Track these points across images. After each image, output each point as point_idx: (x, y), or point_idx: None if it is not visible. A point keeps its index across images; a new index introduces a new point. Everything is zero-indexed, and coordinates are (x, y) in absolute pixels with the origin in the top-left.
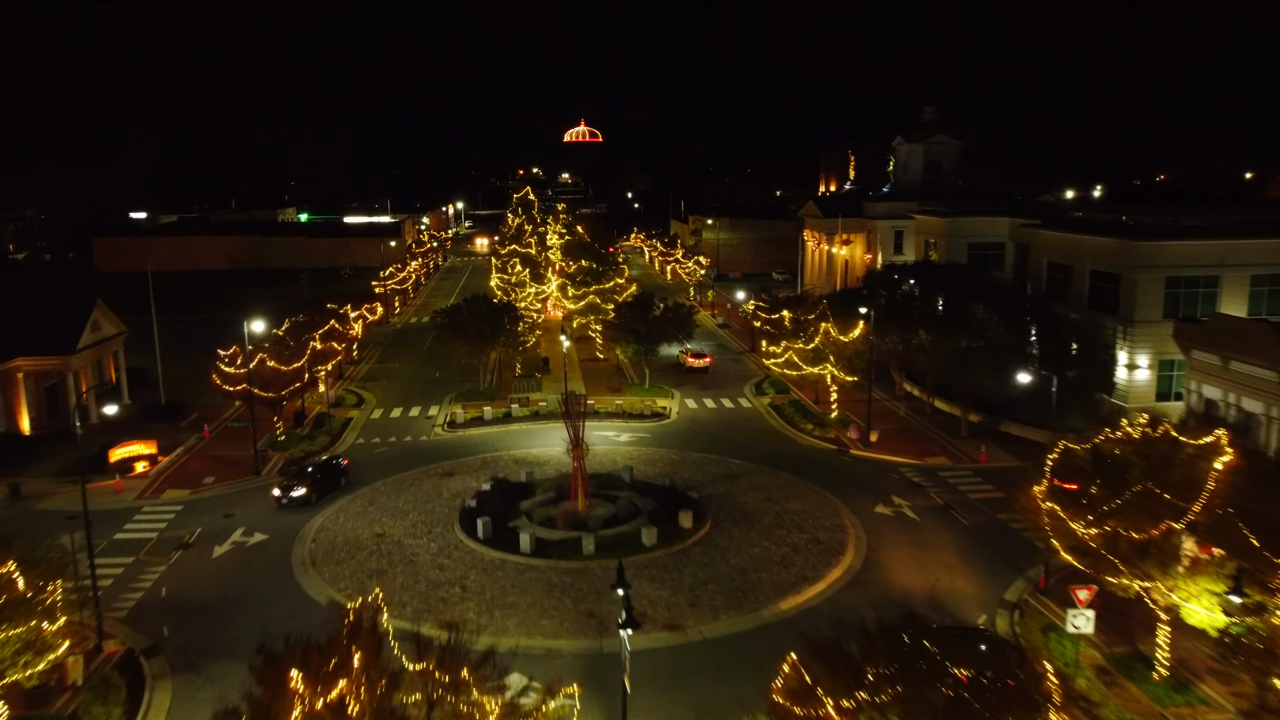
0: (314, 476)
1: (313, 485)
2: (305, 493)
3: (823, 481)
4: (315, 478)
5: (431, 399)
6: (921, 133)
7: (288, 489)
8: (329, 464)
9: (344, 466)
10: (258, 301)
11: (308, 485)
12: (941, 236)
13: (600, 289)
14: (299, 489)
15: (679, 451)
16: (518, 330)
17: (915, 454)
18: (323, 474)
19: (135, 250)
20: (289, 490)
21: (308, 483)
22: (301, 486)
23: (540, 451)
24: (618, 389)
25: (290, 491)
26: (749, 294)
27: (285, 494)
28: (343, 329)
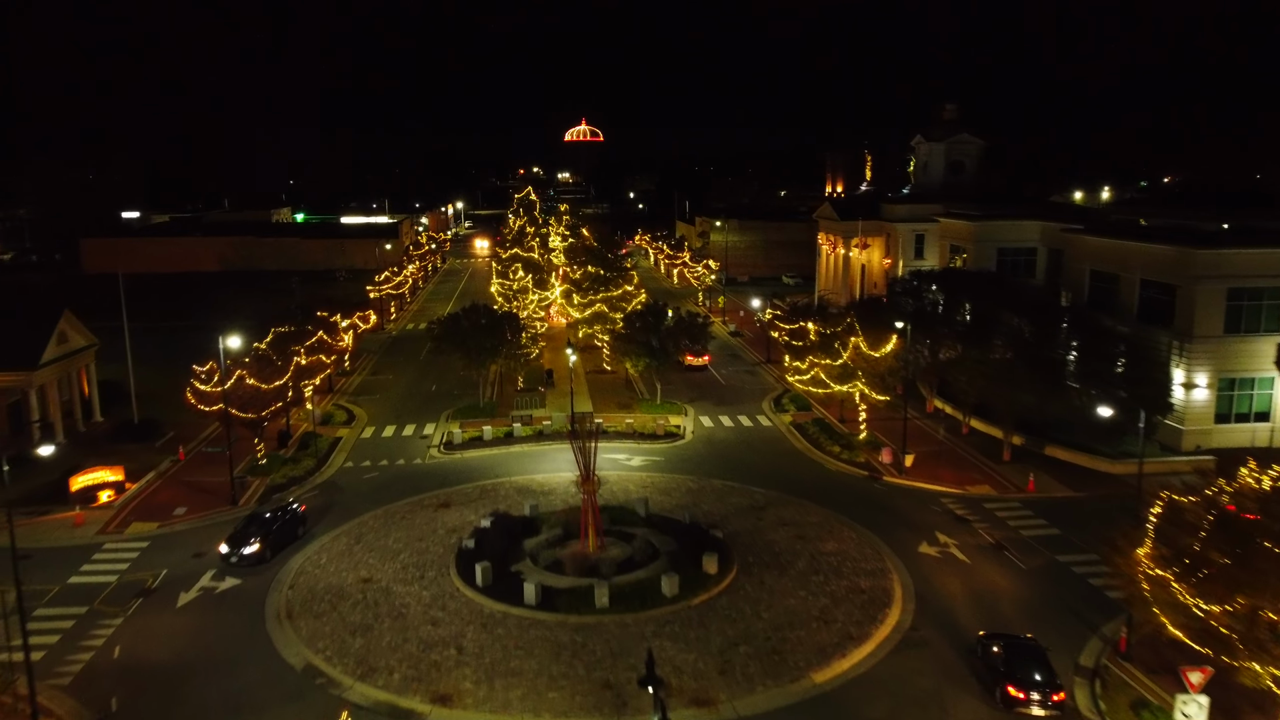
0: (268, 528)
1: (267, 540)
2: (258, 549)
3: (857, 514)
4: (270, 529)
5: (427, 415)
6: (942, 131)
7: (238, 545)
8: (285, 512)
9: (302, 514)
10: (248, 306)
11: (261, 540)
12: (969, 241)
13: (608, 296)
14: (251, 545)
15: (697, 478)
16: (520, 341)
17: (955, 481)
18: (278, 525)
19: (124, 252)
20: (239, 546)
21: (261, 537)
22: (254, 542)
23: (545, 478)
24: (627, 405)
25: (241, 548)
26: (763, 300)
27: (234, 551)
28: (332, 340)
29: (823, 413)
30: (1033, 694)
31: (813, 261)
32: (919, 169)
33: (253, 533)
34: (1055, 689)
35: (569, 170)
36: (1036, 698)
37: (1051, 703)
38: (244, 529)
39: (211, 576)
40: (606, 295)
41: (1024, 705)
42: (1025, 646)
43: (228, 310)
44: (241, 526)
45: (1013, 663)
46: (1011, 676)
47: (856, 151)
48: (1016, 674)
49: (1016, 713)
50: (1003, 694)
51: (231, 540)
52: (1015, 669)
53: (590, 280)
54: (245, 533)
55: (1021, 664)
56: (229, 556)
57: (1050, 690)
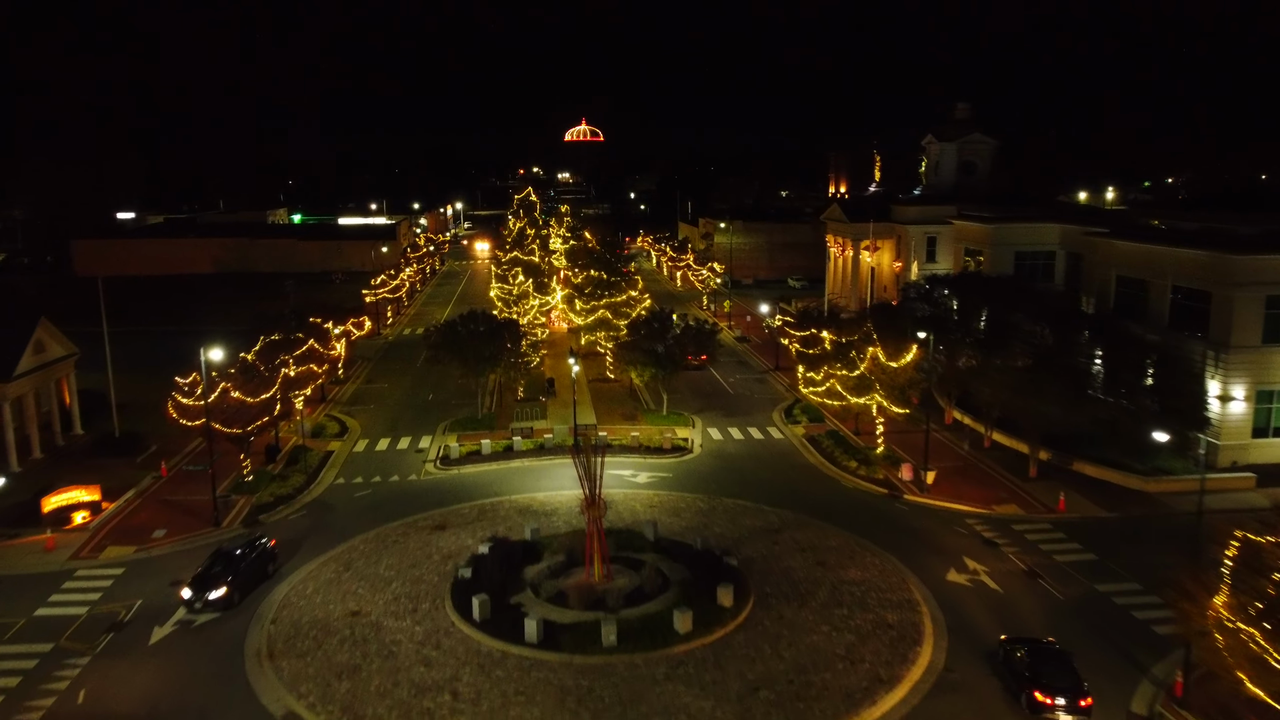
0: (236, 567)
1: (234, 582)
2: (224, 594)
3: (879, 537)
4: (237, 568)
5: (423, 427)
6: (954, 131)
7: (202, 588)
8: (253, 548)
9: (271, 549)
10: (241, 309)
11: (227, 584)
12: (985, 244)
13: (611, 302)
14: (216, 589)
15: (707, 498)
16: (520, 350)
17: (980, 500)
18: (246, 565)
19: (116, 253)
20: (204, 589)
21: (226, 580)
22: (219, 585)
23: (547, 497)
24: (632, 416)
25: (206, 592)
26: (771, 305)
27: (199, 595)
28: (324, 349)
29: (836, 424)
30: (1061, 699)
31: (819, 264)
32: (930, 169)
33: (219, 574)
34: (1083, 694)
35: (569, 170)
36: (1064, 703)
37: (1079, 708)
38: (209, 569)
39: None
40: (610, 301)
41: (1051, 711)
42: (1050, 651)
43: (220, 314)
44: (205, 566)
45: (1039, 668)
46: (1038, 682)
47: (860, 152)
48: (1043, 679)
49: (1043, 718)
50: (1029, 699)
51: (196, 583)
52: (1042, 674)
53: (593, 285)
54: (210, 574)
55: (1048, 669)
56: (193, 602)
57: (1078, 695)
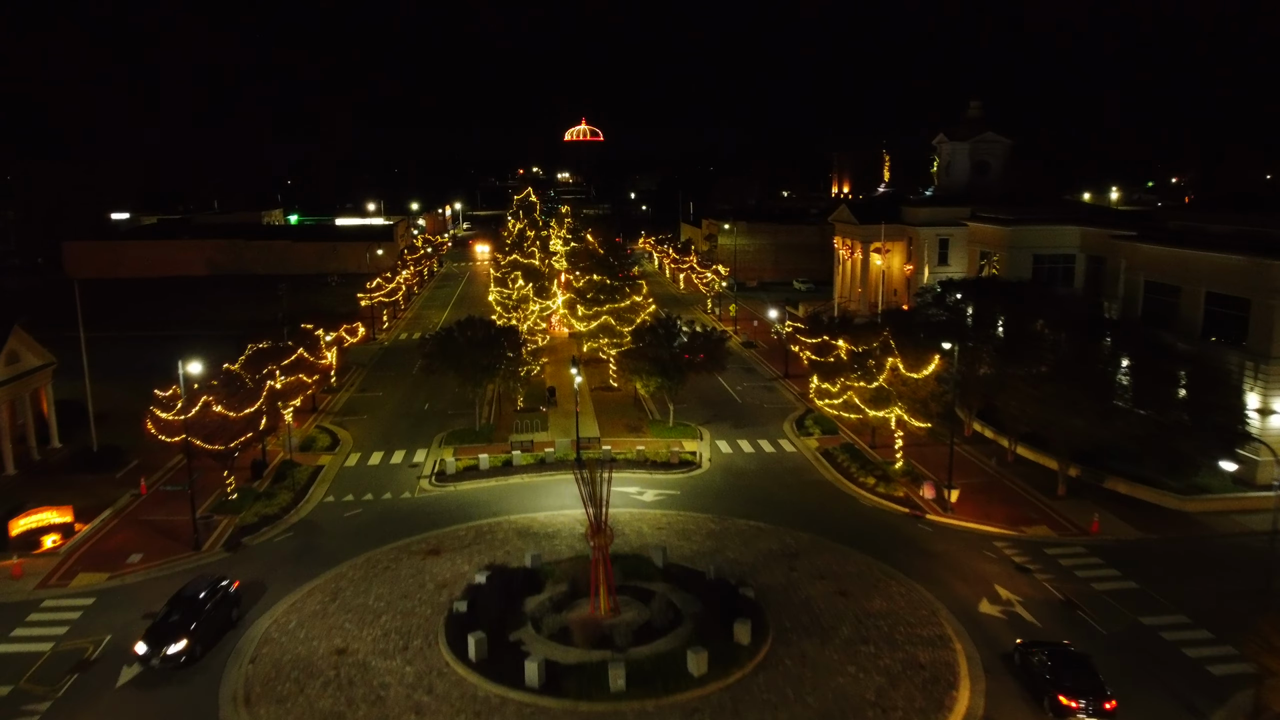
0: (197, 615)
1: (196, 632)
2: (185, 646)
3: (903, 562)
4: (198, 617)
5: (418, 439)
6: (967, 130)
7: (160, 641)
8: (214, 594)
9: (235, 592)
10: (234, 312)
11: (188, 634)
12: (1002, 247)
13: (615, 308)
14: (175, 642)
15: (718, 518)
16: (520, 358)
17: (1008, 521)
18: (209, 612)
19: (107, 255)
20: (162, 644)
21: (188, 630)
22: (178, 637)
23: (548, 517)
24: (637, 428)
25: (164, 646)
26: (779, 310)
27: (155, 651)
28: (314, 358)
29: (851, 437)
30: (1085, 702)
31: (825, 266)
32: (942, 169)
33: (178, 625)
34: (1106, 697)
35: (569, 170)
36: (1089, 706)
37: (1104, 710)
38: (166, 618)
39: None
40: (613, 307)
41: (1076, 714)
42: (1070, 654)
43: (213, 318)
44: (163, 615)
45: (1061, 671)
46: (1061, 685)
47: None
48: (1066, 682)
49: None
50: (1053, 702)
51: (152, 635)
52: (1064, 677)
53: (595, 290)
54: (168, 625)
55: (1070, 672)
56: (148, 658)
57: (1101, 698)
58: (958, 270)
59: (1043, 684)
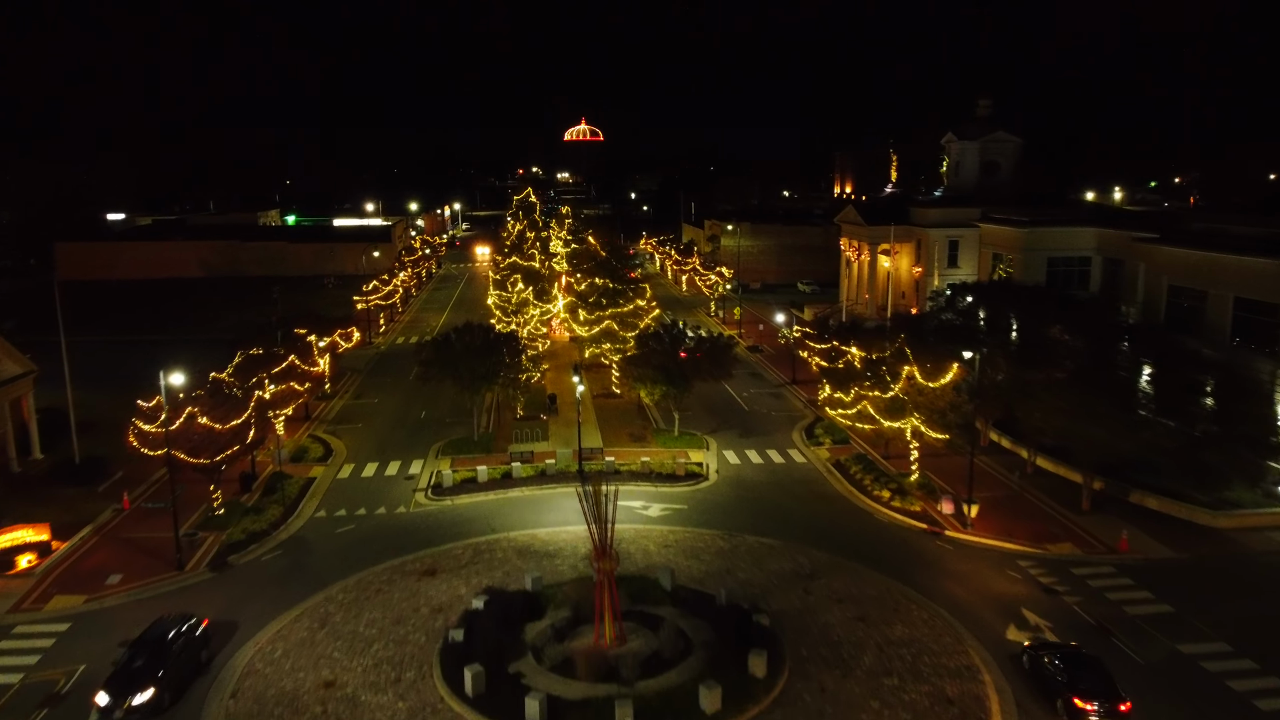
0: (163, 659)
1: (164, 679)
2: (152, 696)
3: (924, 584)
4: (165, 660)
5: (414, 449)
6: (976, 129)
7: (123, 690)
8: (181, 634)
9: (204, 632)
10: (228, 315)
11: (155, 682)
12: (1016, 249)
13: (618, 312)
14: (141, 692)
15: (728, 535)
16: (520, 364)
17: (1031, 537)
18: (178, 654)
19: (100, 257)
20: (126, 692)
21: (154, 677)
22: (144, 685)
23: (550, 534)
24: (641, 437)
25: (129, 695)
26: (786, 314)
27: (119, 702)
28: (306, 366)
29: (864, 447)
30: (1100, 704)
31: (830, 267)
32: (951, 169)
33: (143, 671)
34: (1120, 699)
35: (569, 170)
36: (1104, 708)
37: (1119, 712)
38: (129, 665)
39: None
40: (616, 311)
41: (1090, 716)
42: (1082, 657)
43: (206, 321)
44: (125, 661)
45: (1074, 673)
46: (1075, 688)
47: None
48: (1080, 685)
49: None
50: (1068, 705)
51: (114, 683)
52: (1079, 680)
53: (598, 294)
54: (132, 672)
55: (1083, 674)
56: (110, 710)
57: (1116, 700)
58: (968, 272)
59: (1056, 687)
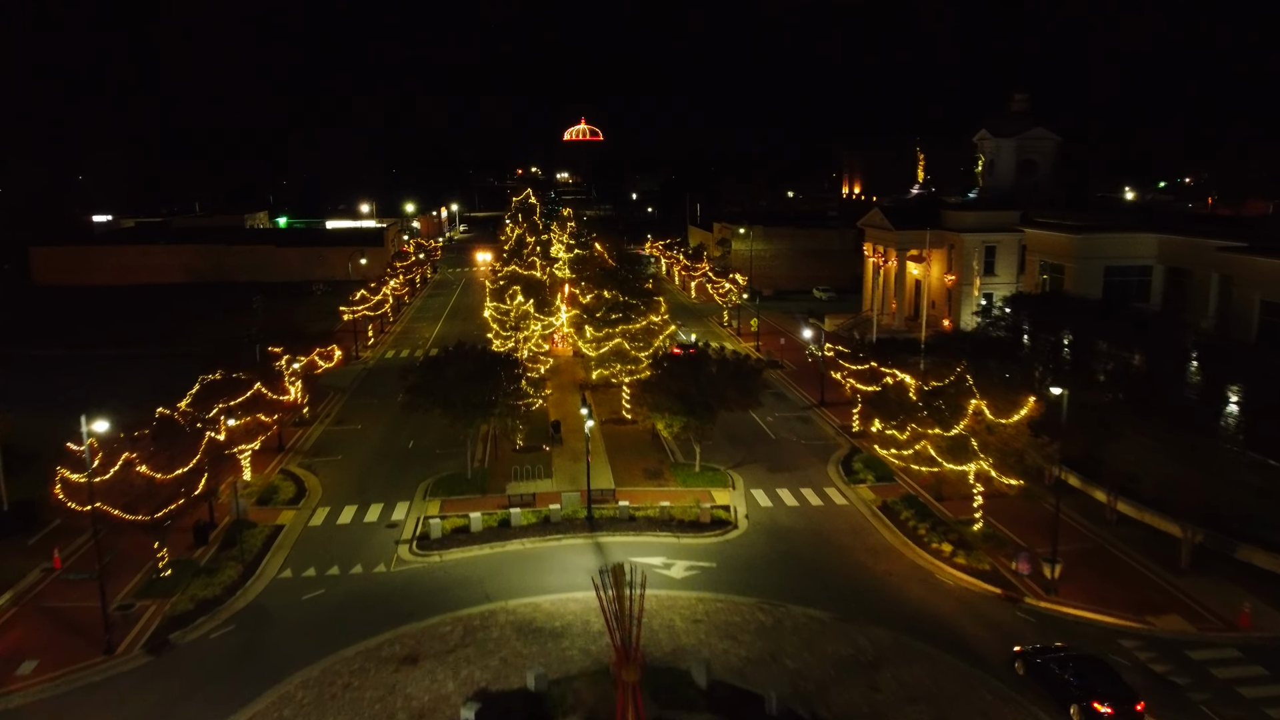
0: None
1: None
2: None
3: (1012, 673)
4: None
5: (399, 488)
6: (1012, 125)
7: None
8: None
9: None
10: (209, 326)
11: None
12: (1069, 257)
13: (629, 329)
14: None
15: (768, 604)
16: (519, 390)
17: (1130, 606)
18: None
19: (77, 262)
20: None
21: None
22: None
23: (555, 603)
24: (658, 473)
25: None
26: (812, 328)
27: None
28: (275, 394)
29: (912, 486)
30: (1119, 706)
31: (846, 273)
32: (985, 169)
33: None
34: (1136, 698)
35: (568, 170)
36: (1122, 710)
37: (1135, 713)
38: None
39: None
40: (627, 328)
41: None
42: (1087, 659)
43: (181, 333)
44: None
45: (1087, 678)
46: (1092, 692)
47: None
48: (1098, 688)
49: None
50: (1086, 710)
51: None
52: (1094, 685)
53: (606, 308)
54: None
55: (1096, 678)
56: None
57: (1132, 701)
58: (1006, 280)
59: (1070, 693)
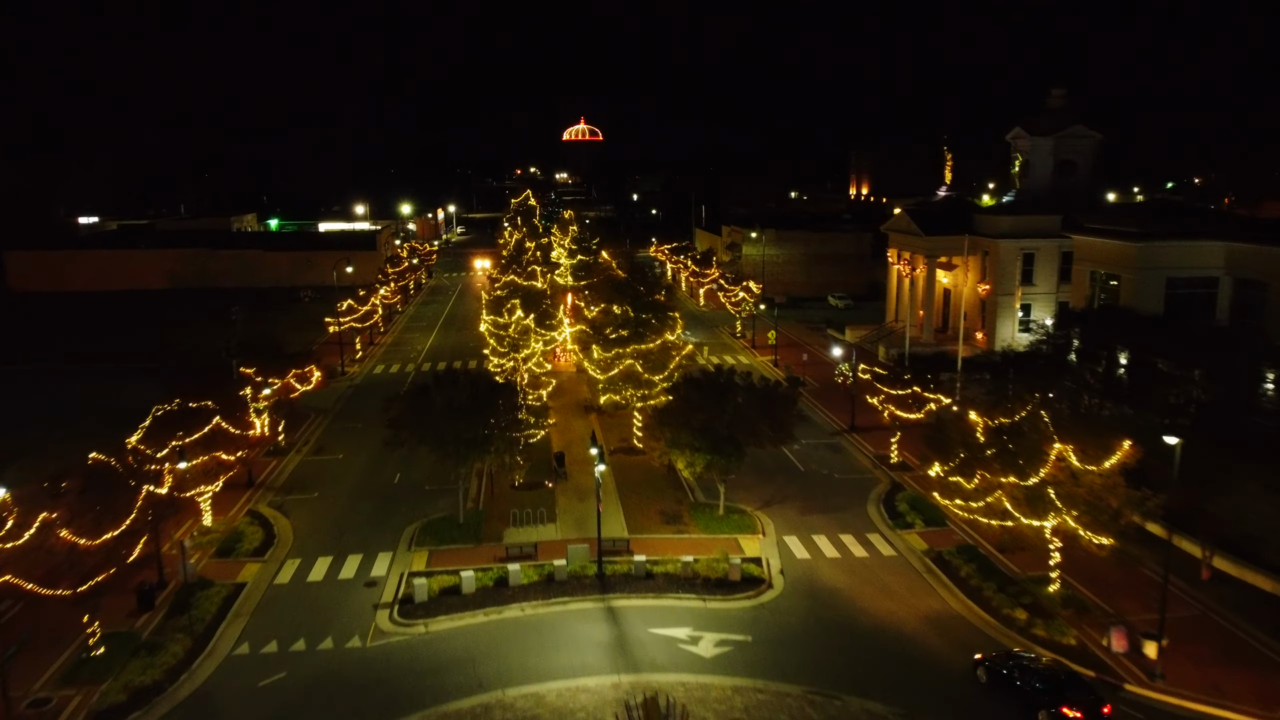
0: None
1: None
2: None
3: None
4: None
5: (382, 534)
6: (1049, 123)
7: None
8: None
9: None
10: (188, 336)
11: None
12: (1128, 268)
13: (641, 350)
14: None
15: (820, 696)
16: (518, 422)
17: (1256, 699)
18: None
19: (56, 266)
20: None
21: None
22: None
23: (562, 693)
24: (676, 516)
25: None
26: (844, 345)
27: None
28: (239, 428)
29: (969, 534)
30: (1086, 711)
31: (862, 279)
32: (1021, 170)
33: None
34: (1102, 701)
35: (568, 171)
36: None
37: (1103, 715)
38: None
39: None
40: (639, 348)
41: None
42: (1048, 666)
43: (155, 345)
44: None
45: (1053, 683)
46: (1061, 696)
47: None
48: (1065, 693)
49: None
50: (1056, 717)
51: None
52: (1061, 690)
53: (615, 325)
54: None
55: (1061, 683)
56: None
57: (1099, 704)
58: (1045, 291)
59: (1039, 700)
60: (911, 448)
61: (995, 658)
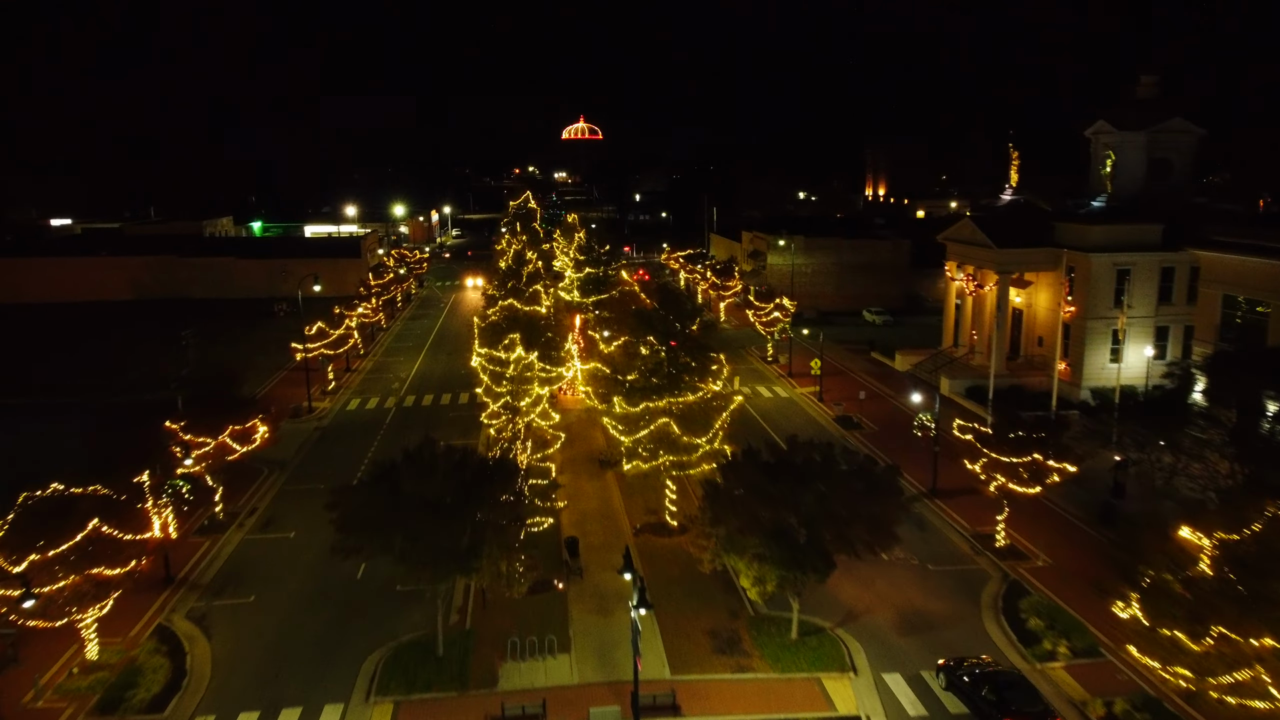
0: None
1: None
2: None
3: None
4: None
5: (333, 669)
6: (1140, 116)
7: None
8: None
9: None
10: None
11: None
12: (1274, 292)
13: (678, 403)
14: None
15: None
16: (520, 509)
17: None
18: None
19: (8, 275)
20: None
21: None
22: None
23: None
24: (733, 640)
25: None
26: (924, 393)
27: None
28: (130, 530)
29: (1141, 671)
30: None
31: (898, 290)
32: (1105, 170)
33: None
34: (1052, 713)
35: (567, 170)
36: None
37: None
38: None
39: None
40: (675, 401)
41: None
42: (1005, 675)
43: (99, 374)
44: None
45: (1004, 693)
46: (1008, 708)
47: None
48: (1013, 704)
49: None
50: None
51: None
52: (1011, 700)
53: (647, 374)
54: None
55: (1013, 693)
56: None
57: (1049, 714)
58: (1143, 314)
59: (989, 709)
60: (1021, 526)
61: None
